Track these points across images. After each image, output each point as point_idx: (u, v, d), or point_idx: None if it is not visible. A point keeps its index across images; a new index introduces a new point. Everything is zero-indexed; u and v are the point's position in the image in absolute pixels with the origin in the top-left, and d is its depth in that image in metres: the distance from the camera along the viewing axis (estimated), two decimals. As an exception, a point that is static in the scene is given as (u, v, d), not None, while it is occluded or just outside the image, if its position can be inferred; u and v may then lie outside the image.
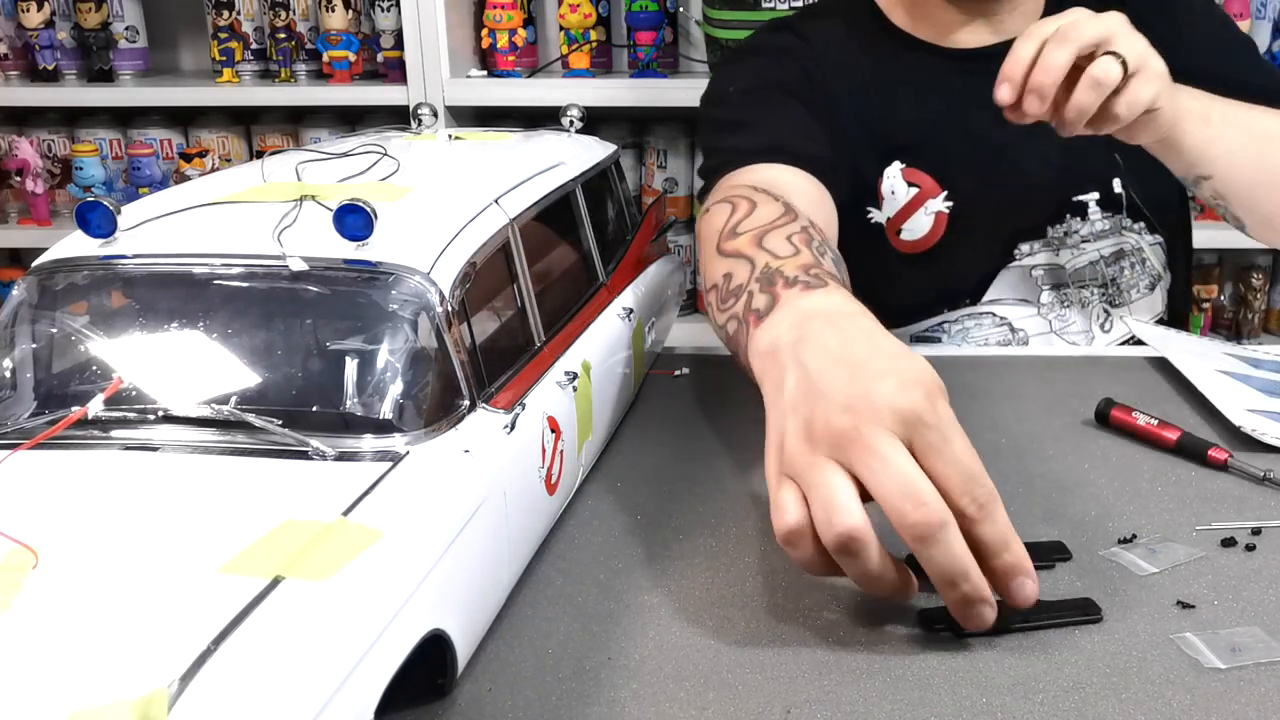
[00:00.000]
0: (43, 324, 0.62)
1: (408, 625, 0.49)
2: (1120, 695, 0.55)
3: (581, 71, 2.12)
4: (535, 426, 0.66)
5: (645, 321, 0.92)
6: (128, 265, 0.62)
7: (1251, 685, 0.56)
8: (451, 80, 2.07)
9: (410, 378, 0.59)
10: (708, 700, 0.55)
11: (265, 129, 2.34)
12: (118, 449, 0.56)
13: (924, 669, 0.57)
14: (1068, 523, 0.71)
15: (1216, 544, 0.69)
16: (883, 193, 1.12)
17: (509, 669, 0.57)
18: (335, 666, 0.43)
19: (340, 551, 0.47)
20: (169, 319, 0.60)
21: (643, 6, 2.10)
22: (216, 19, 2.20)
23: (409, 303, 0.59)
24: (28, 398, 0.60)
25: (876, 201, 1.12)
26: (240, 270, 0.61)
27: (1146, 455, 0.82)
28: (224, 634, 0.41)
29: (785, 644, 0.59)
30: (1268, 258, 2.28)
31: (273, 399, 0.58)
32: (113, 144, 2.34)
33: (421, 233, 0.63)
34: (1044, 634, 0.60)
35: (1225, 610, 0.62)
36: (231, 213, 0.66)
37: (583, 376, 0.74)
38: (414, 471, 0.55)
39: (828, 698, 0.55)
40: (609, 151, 0.97)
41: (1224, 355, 1.00)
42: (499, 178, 0.75)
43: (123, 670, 0.39)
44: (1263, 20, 2.12)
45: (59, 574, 0.46)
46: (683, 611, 0.62)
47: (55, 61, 2.28)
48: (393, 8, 2.14)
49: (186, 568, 0.46)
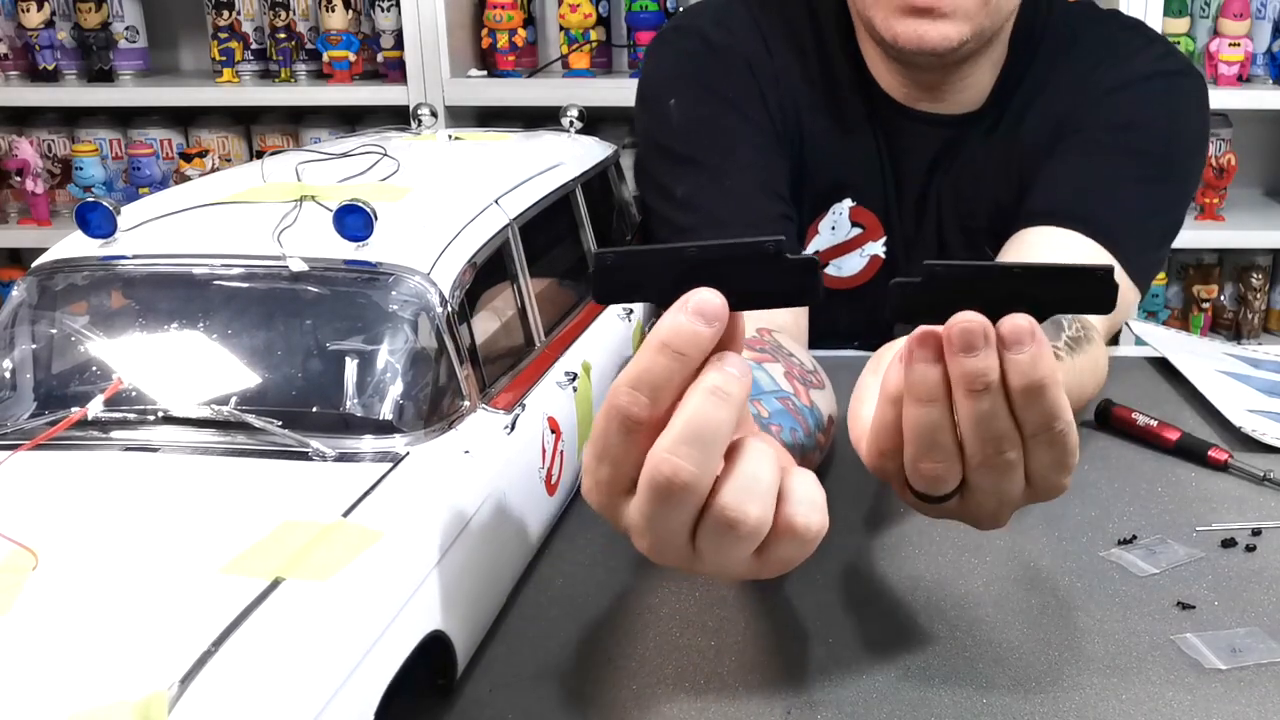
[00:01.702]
0: (43, 324, 0.62)
1: (408, 626, 0.49)
2: (1120, 695, 0.55)
3: (581, 71, 2.12)
4: (535, 427, 0.66)
5: (645, 322, 0.92)
6: (128, 266, 0.62)
7: (1252, 686, 0.56)
8: (451, 80, 2.07)
9: (410, 378, 0.59)
10: (708, 700, 0.55)
11: (265, 129, 2.34)
12: (118, 450, 0.56)
13: (924, 669, 0.57)
14: (1068, 523, 0.71)
15: (1217, 545, 0.69)
16: (819, 227, 1.07)
17: (509, 669, 0.57)
18: (336, 667, 0.43)
19: (340, 552, 0.47)
20: (169, 320, 0.60)
21: (643, 6, 2.10)
22: (216, 19, 2.20)
23: (409, 303, 0.59)
24: (28, 398, 0.60)
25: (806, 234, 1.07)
26: (240, 271, 0.60)
27: (1146, 456, 0.82)
28: (224, 635, 0.41)
29: (785, 644, 0.59)
30: (1268, 258, 2.28)
31: (273, 400, 0.58)
32: (113, 144, 2.34)
33: (422, 233, 0.63)
34: (1044, 634, 0.60)
35: (1225, 611, 0.62)
36: (232, 213, 0.66)
37: (583, 377, 0.74)
38: (414, 472, 0.55)
39: (828, 698, 0.55)
40: (609, 151, 0.97)
41: (1224, 355, 1.00)
42: (499, 178, 0.75)
43: (123, 671, 0.39)
44: (1263, 20, 2.12)
45: (59, 575, 0.45)
46: (683, 611, 0.62)
47: (55, 61, 2.28)
48: (393, 8, 2.14)
49: (187, 569, 0.46)
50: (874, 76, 1.02)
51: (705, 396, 0.47)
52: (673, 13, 2.12)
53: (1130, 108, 0.98)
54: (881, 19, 0.92)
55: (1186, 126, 1.01)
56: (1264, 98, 2.08)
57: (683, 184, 0.98)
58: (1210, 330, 2.28)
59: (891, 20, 0.91)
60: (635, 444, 0.48)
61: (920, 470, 0.53)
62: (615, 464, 0.49)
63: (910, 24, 0.90)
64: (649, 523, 0.49)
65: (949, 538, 0.69)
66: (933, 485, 0.54)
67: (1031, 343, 0.49)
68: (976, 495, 0.54)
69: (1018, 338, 0.49)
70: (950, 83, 1.00)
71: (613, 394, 0.48)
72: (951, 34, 0.90)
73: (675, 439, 0.47)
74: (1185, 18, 2.11)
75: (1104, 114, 0.98)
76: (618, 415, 0.48)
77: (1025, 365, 0.49)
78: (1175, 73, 1.01)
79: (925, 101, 1.01)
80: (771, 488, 0.49)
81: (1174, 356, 0.98)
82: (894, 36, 0.92)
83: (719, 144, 0.99)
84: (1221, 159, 2.11)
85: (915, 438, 0.52)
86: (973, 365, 0.49)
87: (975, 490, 0.54)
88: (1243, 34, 2.08)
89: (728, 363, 0.47)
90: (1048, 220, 0.93)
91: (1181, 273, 2.30)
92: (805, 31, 1.03)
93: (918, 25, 0.90)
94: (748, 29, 1.03)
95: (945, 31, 0.90)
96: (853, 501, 0.73)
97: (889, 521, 0.72)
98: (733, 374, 0.47)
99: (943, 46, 0.91)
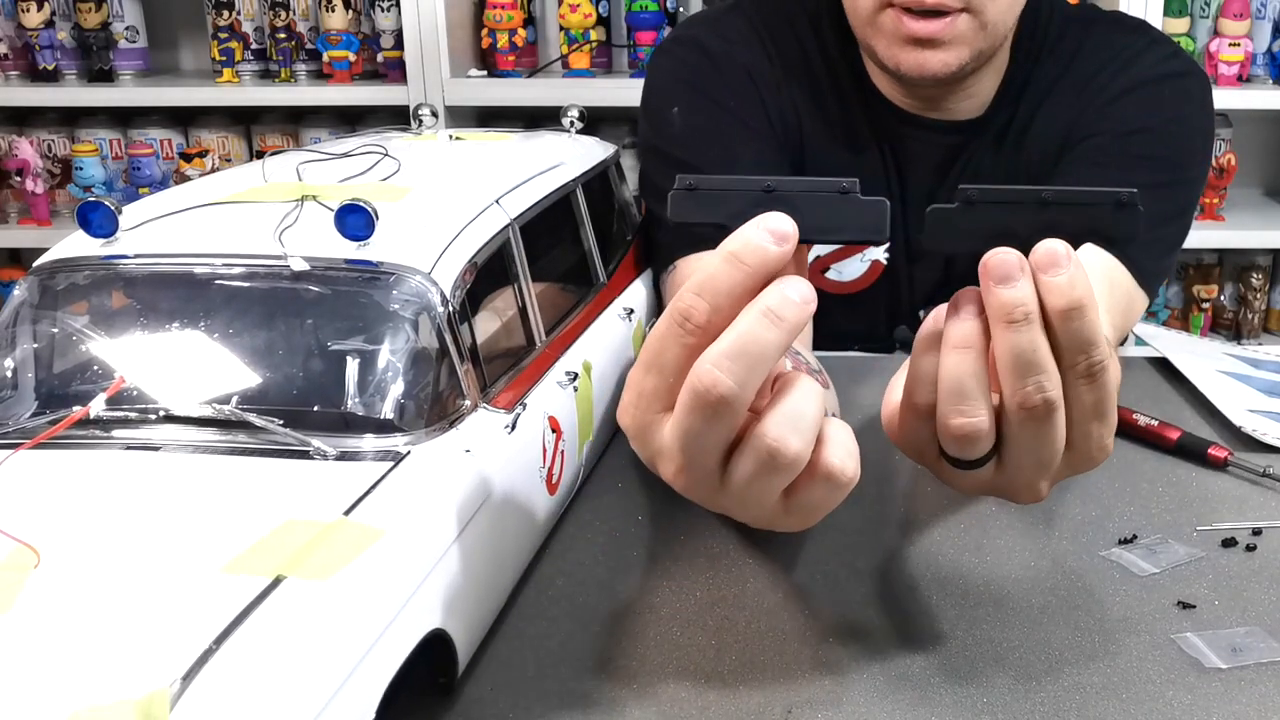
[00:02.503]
0: (44, 324, 0.62)
1: (409, 625, 0.49)
2: (1121, 695, 0.55)
3: (581, 71, 2.12)
4: (536, 426, 0.66)
5: (645, 321, 0.92)
6: (129, 265, 0.62)
7: (1253, 685, 0.56)
8: (451, 80, 2.07)
9: (411, 378, 0.59)
10: (708, 700, 0.55)
11: (265, 129, 2.34)
12: (119, 449, 0.56)
13: (924, 669, 0.57)
14: (1068, 523, 0.71)
15: (1217, 544, 0.69)
16: None
17: (510, 669, 0.58)
18: (337, 666, 0.43)
19: (341, 551, 0.47)
20: (170, 319, 0.60)
21: (643, 6, 2.10)
22: (216, 19, 2.21)
23: (410, 303, 0.59)
24: (29, 397, 0.60)
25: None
26: (241, 270, 0.61)
27: (1147, 455, 0.82)
28: (226, 633, 0.41)
29: (785, 644, 0.59)
30: (1268, 258, 2.28)
31: (274, 399, 0.58)
32: (113, 144, 2.34)
33: (422, 233, 0.63)
34: (1044, 634, 0.60)
35: (1226, 610, 0.62)
36: (233, 213, 0.66)
37: (583, 376, 0.74)
38: (415, 471, 0.55)
39: (828, 698, 0.55)
40: (609, 152, 0.97)
41: (1224, 355, 1.00)
42: (499, 178, 0.75)
43: (125, 669, 0.39)
44: (1263, 20, 2.12)
45: (61, 573, 0.46)
46: (683, 611, 0.62)
47: (55, 61, 2.28)
48: (393, 8, 2.14)
49: (188, 567, 0.46)
50: (875, 85, 1.03)
51: (758, 317, 0.47)
52: (673, 13, 2.13)
53: (1137, 113, 0.98)
54: (884, 47, 0.94)
55: (1193, 128, 1.01)
56: (1264, 98, 2.08)
57: None
58: (1210, 330, 2.28)
59: (894, 49, 0.93)
60: (687, 352, 0.49)
61: (952, 427, 0.52)
62: (663, 373, 0.50)
63: (912, 54, 0.92)
64: (683, 440, 0.49)
65: (949, 538, 0.70)
66: (966, 446, 0.53)
67: (1068, 264, 0.49)
68: (1014, 455, 0.53)
69: (1054, 260, 0.49)
70: (952, 95, 1.01)
71: (676, 299, 0.49)
72: (952, 61, 0.92)
73: (721, 353, 0.47)
74: (1185, 18, 2.11)
75: (1111, 120, 0.98)
76: (677, 316, 0.49)
77: (1064, 286, 0.49)
78: (1180, 74, 1.01)
79: (928, 110, 1.02)
80: (815, 425, 0.49)
81: (1174, 357, 0.98)
82: (896, 65, 0.93)
83: (721, 150, 1.00)
84: (1221, 159, 2.11)
85: (949, 387, 0.52)
86: (1010, 295, 0.49)
87: (1013, 448, 0.53)
88: (1243, 34, 2.08)
89: (788, 285, 0.48)
90: None
91: (1181, 273, 2.30)
92: (806, 40, 1.04)
93: (919, 55, 0.92)
94: (747, 38, 1.04)
95: (946, 59, 0.92)
96: (853, 502, 0.73)
97: (889, 522, 0.72)
98: (790, 298, 0.47)
99: (944, 73, 0.93)
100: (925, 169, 1.04)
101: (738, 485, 0.50)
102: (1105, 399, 0.52)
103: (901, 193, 1.05)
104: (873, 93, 1.03)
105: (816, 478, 0.50)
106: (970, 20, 0.91)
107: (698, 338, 0.48)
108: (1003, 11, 0.92)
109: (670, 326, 0.49)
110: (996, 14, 0.91)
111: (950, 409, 0.52)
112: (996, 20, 0.92)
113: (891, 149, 1.04)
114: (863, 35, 0.96)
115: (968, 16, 0.91)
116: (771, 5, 1.06)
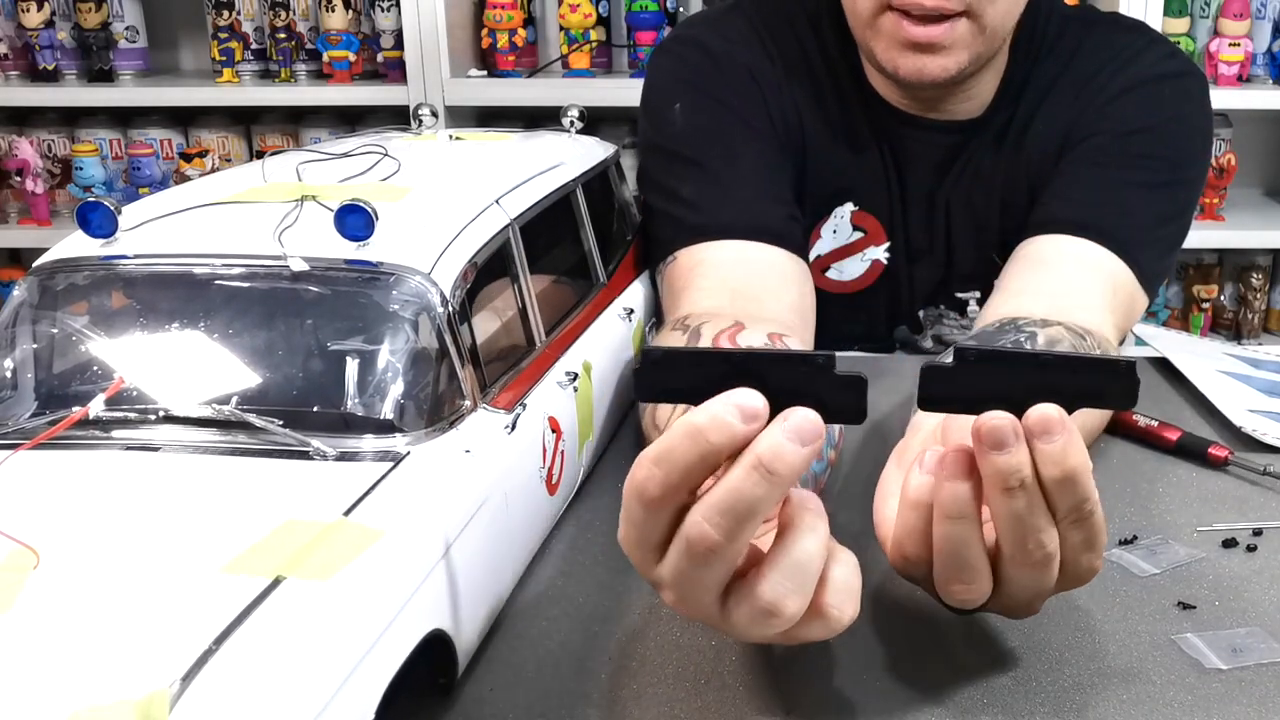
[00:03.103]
0: (44, 324, 0.62)
1: (409, 625, 0.49)
2: (1121, 695, 0.55)
3: (581, 71, 2.12)
4: (536, 427, 0.66)
5: (645, 321, 0.92)
6: (129, 265, 0.62)
7: (1253, 686, 0.56)
8: (451, 80, 2.07)
9: (411, 378, 0.59)
10: (708, 700, 0.55)
11: (265, 129, 2.34)
12: (119, 449, 0.56)
13: (924, 669, 0.57)
14: (1068, 523, 0.71)
15: (1217, 545, 0.69)
16: (821, 231, 1.07)
17: (510, 669, 0.57)
18: (336, 666, 0.43)
19: (341, 551, 0.47)
20: (170, 319, 0.60)
21: (643, 6, 2.10)
22: (216, 19, 2.21)
23: (410, 303, 0.59)
24: (29, 398, 0.60)
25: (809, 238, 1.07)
26: (241, 270, 0.61)
27: (1146, 455, 0.82)
28: (225, 634, 0.41)
29: (785, 644, 0.59)
30: (1268, 258, 2.28)
31: (274, 399, 0.58)
32: (113, 144, 2.34)
33: (422, 233, 0.63)
34: (1044, 634, 0.60)
35: (1226, 611, 0.62)
36: (232, 213, 0.66)
37: (583, 377, 0.74)
38: (415, 471, 0.55)
39: (827, 698, 0.55)
40: (609, 152, 0.97)
41: (1224, 355, 1.00)
42: (499, 178, 0.75)
43: (124, 670, 0.39)
44: (1263, 20, 2.12)
45: (60, 574, 0.46)
46: (683, 612, 0.62)
47: (55, 61, 2.28)
48: (393, 8, 2.14)
49: (188, 568, 0.46)
50: (875, 87, 1.03)
51: (748, 471, 0.46)
52: (673, 13, 2.13)
53: (1136, 113, 0.98)
54: (883, 51, 0.94)
55: (1193, 128, 1.01)
56: (1264, 98, 2.08)
57: (688, 185, 0.98)
58: (1210, 330, 2.28)
59: (893, 53, 0.93)
60: (654, 516, 0.49)
61: (953, 592, 0.53)
62: (640, 530, 0.50)
63: (910, 59, 0.92)
64: (677, 580, 0.49)
65: (949, 537, 0.70)
66: (966, 604, 0.54)
67: (1062, 431, 0.49)
68: (1011, 589, 0.54)
69: (1047, 427, 0.48)
70: (951, 97, 1.01)
71: (635, 466, 0.49)
72: (951, 66, 0.92)
73: (710, 506, 0.47)
74: (1185, 18, 2.11)
75: (1110, 120, 0.98)
76: (634, 489, 0.49)
77: (1057, 454, 0.49)
78: (1180, 74, 1.01)
79: (927, 110, 1.02)
80: (814, 578, 0.49)
81: (1174, 357, 0.98)
82: (895, 69, 0.93)
83: (723, 149, 1.00)
84: (1221, 159, 2.11)
85: (945, 556, 0.52)
86: (1004, 462, 0.49)
87: (1010, 585, 0.54)
88: (1243, 34, 2.08)
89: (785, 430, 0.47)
90: (1059, 229, 0.94)
91: (1181, 273, 2.30)
92: (806, 40, 1.04)
93: (918, 60, 0.92)
94: (748, 38, 1.04)
95: (945, 64, 0.92)
96: (852, 502, 0.73)
97: (889, 521, 0.72)
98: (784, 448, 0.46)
99: (943, 78, 0.93)
100: (925, 169, 1.04)
101: (737, 625, 0.50)
102: (1095, 535, 0.52)
103: (901, 193, 1.05)
104: (872, 93, 1.03)
105: (812, 620, 0.50)
106: (970, 25, 0.91)
107: (663, 505, 0.48)
108: (1002, 15, 0.92)
109: (630, 495, 0.49)
110: (996, 18, 0.91)
111: (950, 575, 0.53)
112: (996, 24, 0.92)
113: (891, 149, 1.04)
114: (862, 38, 0.96)
115: (967, 21, 0.91)
116: (771, 5, 1.06)
